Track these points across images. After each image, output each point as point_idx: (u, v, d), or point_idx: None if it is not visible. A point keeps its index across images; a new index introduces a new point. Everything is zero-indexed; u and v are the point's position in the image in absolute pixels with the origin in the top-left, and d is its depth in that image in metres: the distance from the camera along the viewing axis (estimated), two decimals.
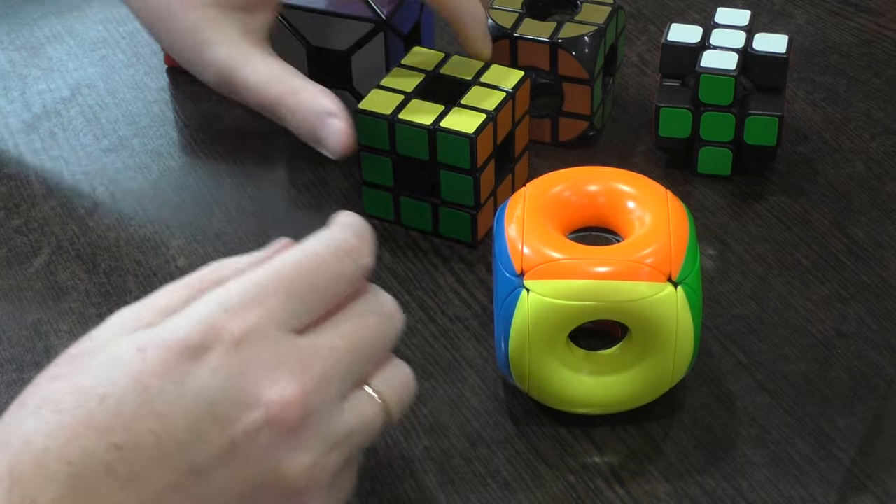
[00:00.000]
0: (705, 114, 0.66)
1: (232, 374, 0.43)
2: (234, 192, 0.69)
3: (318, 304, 0.45)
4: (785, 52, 0.66)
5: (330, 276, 0.46)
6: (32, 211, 0.68)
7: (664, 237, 0.51)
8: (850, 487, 0.53)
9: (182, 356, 0.42)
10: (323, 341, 0.45)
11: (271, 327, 0.44)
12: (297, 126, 0.64)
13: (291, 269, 0.45)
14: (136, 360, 0.42)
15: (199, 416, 0.42)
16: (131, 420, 0.41)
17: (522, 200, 0.53)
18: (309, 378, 0.44)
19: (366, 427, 0.46)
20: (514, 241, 0.51)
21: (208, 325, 0.43)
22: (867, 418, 0.55)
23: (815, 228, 0.66)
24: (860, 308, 0.61)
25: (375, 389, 0.46)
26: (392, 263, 0.64)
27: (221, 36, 0.64)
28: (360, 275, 0.47)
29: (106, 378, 0.42)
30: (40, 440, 0.41)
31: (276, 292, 0.44)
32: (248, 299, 0.44)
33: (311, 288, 0.45)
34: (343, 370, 0.45)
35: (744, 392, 0.57)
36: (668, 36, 0.68)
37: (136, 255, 0.65)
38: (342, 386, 0.45)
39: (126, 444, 0.41)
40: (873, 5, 0.83)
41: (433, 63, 0.66)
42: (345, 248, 0.46)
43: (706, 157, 0.68)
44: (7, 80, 0.78)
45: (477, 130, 0.61)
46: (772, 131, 0.66)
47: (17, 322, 0.61)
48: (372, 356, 0.47)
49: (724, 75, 0.65)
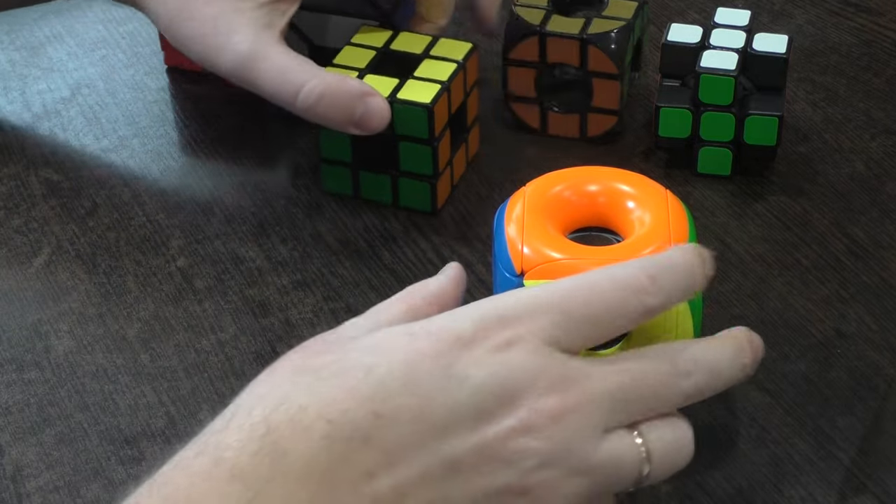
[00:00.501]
0: (705, 114, 0.66)
1: (497, 372, 0.43)
2: (234, 192, 0.69)
3: (593, 333, 0.45)
4: (785, 52, 0.66)
5: (607, 308, 0.45)
6: (32, 211, 0.68)
7: (664, 238, 0.51)
8: (849, 487, 0.53)
9: (454, 344, 0.43)
10: (596, 369, 0.44)
11: (541, 341, 0.44)
12: (326, 110, 0.63)
13: (567, 293, 0.45)
14: (406, 341, 0.43)
15: (460, 404, 0.42)
16: (395, 393, 0.41)
17: (522, 200, 0.53)
18: (570, 396, 0.43)
19: (618, 470, 0.44)
20: (514, 241, 0.51)
21: (482, 326, 0.43)
22: (867, 418, 0.55)
23: (815, 228, 0.66)
24: (860, 308, 0.61)
25: (643, 438, 0.45)
26: (392, 263, 0.64)
27: (243, 27, 0.64)
28: (643, 314, 0.45)
29: (373, 354, 0.43)
30: (299, 398, 0.41)
31: (550, 311, 0.44)
32: (522, 312, 0.44)
33: (587, 314, 0.44)
34: (610, 404, 0.44)
35: (744, 392, 0.57)
36: (667, 36, 0.68)
37: (136, 255, 0.65)
38: (605, 418, 0.44)
39: (386, 415, 0.41)
40: (873, 5, 0.83)
41: (383, 40, 0.67)
42: (632, 284, 0.45)
43: (706, 157, 0.68)
44: (7, 80, 0.78)
45: (433, 100, 0.63)
46: (772, 131, 0.66)
47: (17, 322, 0.61)
48: (648, 403, 0.45)
49: (724, 75, 0.65)
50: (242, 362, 0.59)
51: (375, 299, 0.61)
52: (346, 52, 0.66)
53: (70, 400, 0.57)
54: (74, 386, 0.58)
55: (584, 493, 0.44)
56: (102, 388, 0.58)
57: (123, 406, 0.57)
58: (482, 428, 0.42)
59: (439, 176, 0.65)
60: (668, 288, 0.46)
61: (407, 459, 0.41)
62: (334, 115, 0.63)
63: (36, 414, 0.57)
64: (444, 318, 0.44)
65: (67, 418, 0.56)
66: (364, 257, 0.65)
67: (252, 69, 0.64)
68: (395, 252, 0.65)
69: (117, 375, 0.58)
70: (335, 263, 0.64)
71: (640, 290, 0.45)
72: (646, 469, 0.45)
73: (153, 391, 0.57)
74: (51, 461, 0.54)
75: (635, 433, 0.45)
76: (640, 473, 0.45)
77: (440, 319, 0.44)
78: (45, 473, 0.54)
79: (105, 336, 0.60)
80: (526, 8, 0.70)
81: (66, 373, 0.58)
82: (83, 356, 0.59)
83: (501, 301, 0.45)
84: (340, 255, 0.65)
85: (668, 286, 0.46)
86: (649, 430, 0.45)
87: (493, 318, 0.44)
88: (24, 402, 0.57)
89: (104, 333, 0.60)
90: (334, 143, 0.66)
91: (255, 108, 0.74)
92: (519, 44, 0.69)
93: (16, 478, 0.54)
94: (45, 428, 0.56)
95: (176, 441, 0.55)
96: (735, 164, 0.68)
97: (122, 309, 0.62)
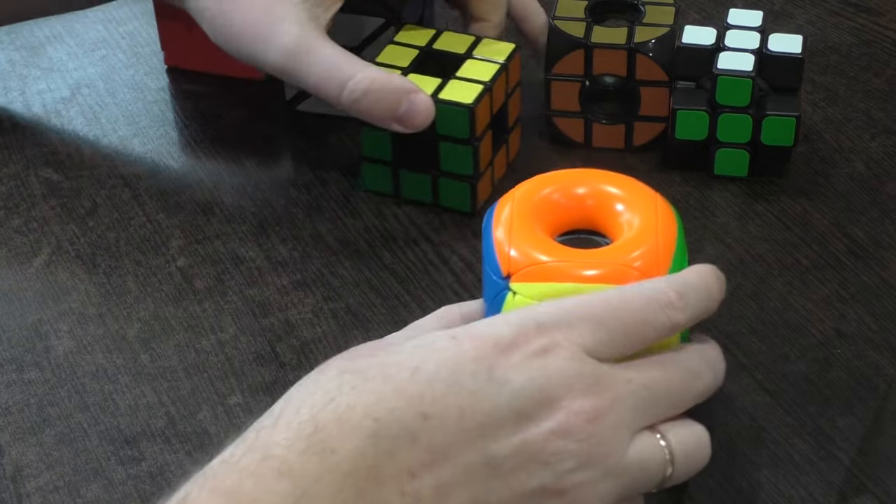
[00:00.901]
0: (722, 115, 0.66)
1: (536, 377, 0.44)
2: (234, 192, 0.69)
3: (623, 343, 0.46)
4: (800, 52, 0.66)
5: (638, 321, 0.46)
6: (32, 211, 0.68)
7: (652, 241, 0.51)
8: (849, 487, 0.53)
9: (494, 349, 0.44)
10: (622, 373, 0.45)
11: (577, 348, 0.45)
12: (371, 105, 0.63)
13: (600, 305, 0.46)
14: (450, 344, 0.44)
15: (503, 405, 0.43)
16: (441, 394, 0.42)
17: (511, 202, 0.53)
18: (604, 399, 0.44)
19: (645, 471, 0.46)
20: (501, 244, 0.51)
21: (520, 333, 0.44)
22: (867, 418, 0.55)
23: (814, 228, 0.66)
24: (860, 308, 0.61)
25: (666, 440, 0.46)
26: (392, 263, 0.64)
27: (290, 21, 0.64)
28: (669, 328, 0.47)
29: (419, 356, 0.44)
30: (346, 398, 0.42)
31: (585, 320, 0.45)
32: (559, 320, 0.45)
33: (619, 325, 0.46)
34: (636, 404, 0.45)
35: (744, 392, 0.57)
36: (682, 38, 0.67)
37: (136, 255, 0.65)
38: (633, 420, 0.45)
39: (433, 415, 0.42)
40: (873, 5, 0.83)
41: (426, 39, 0.67)
42: (659, 299, 0.47)
43: (723, 158, 0.68)
44: (7, 80, 0.78)
45: (475, 101, 0.63)
46: (789, 132, 0.66)
47: (17, 322, 0.61)
48: (669, 405, 0.47)
49: (742, 77, 0.65)
50: (242, 362, 0.59)
51: (375, 299, 0.62)
52: (388, 51, 0.66)
53: (70, 400, 0.57)
54: (74, 386, 0.58)
55: (617, 494, 0.45)
56: (102, 388, 0.58)
57: (123, 406, 0.57)
58: (522, 430, 0.43)
59: (480, 177, 0.65)
60: (694, 305, 0.47)
61: (450, 459, 0.42)
62: (379, 111, 0.63)
63: (36, 414, 0.57)
64: (483, 325, 0.46)
65: (67, 418, 0.56)
66: (364, 257, 0.65)
67: (299, 62, 0.64)
68: (395, 252, 0.65)
69: (117, 375, 0.58)
70: (335, 263, 0.64)
71: (668, 304, 0.47)
72: (669, 470, 0.46)
73: (153, 391, 0.57)
74: (51, 461, 0.54)
75: (658, 435, 0.46)
76: (665, 474, 0.46)
77: (480, 325, 0.45)
78: (45, 473, 0.54)
79: (105, 336, 0.60)
80: (565, 21, 0.69)
81: (66, 373, 0.58)
82: (83, 356, 0.59)
83: (539, 310, 0.46)
84: (340, 255, 0.65)
85: (693, 303, 0.47)
86: (670, 431, 0.46)
87: (531, 324, 0.45)
88: (23, 403, 0.57)
89: (104, 333, 0.60)
90: (375, 141, 0.66)
91: (255, 109, 0.75)
92: (563, 58, 0.68)
93: (16, 478, 0.54)
94: (44, 428, 0.56)
95: (176, 441, 0.55)
96: (751, 166, 0.68)
97: (122, 309, 0.62)
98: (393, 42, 0.67)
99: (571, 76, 0.69)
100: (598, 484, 0.44)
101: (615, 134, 0.70)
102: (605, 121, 0.70)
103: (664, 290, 0.47)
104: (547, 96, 0.70)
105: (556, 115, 0.70)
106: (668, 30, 0.68)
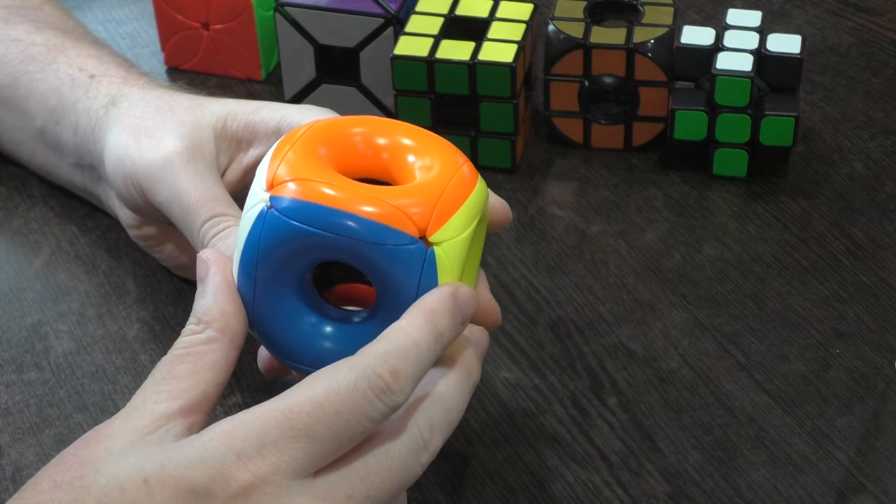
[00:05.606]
0: (721, 115, 0.66)
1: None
2: None
3: (338, 448, 0.43)
4: (799, 52, 0.66)
5: (350, 422, 0.42)
6: (32, 211, 0.68)
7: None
8: (848, 487, 0.53)
9: (186, 499, 0.41)
10: (340, 487, 0.43)
11: (285, 475, 0.42)
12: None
13: (311, 414, 0.42)
14: (140, 493, 0.41)
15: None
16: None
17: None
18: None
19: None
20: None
21: (218, 472, 0.42)
22: (866, 418, 0.55)
23: (814, 228, 0.66)
24: (859, 308, 0.61)
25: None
26: None
27: (190, 136, 0.58)
28: (388, 414, 0.43)
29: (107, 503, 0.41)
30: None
31: (295, 438, 0.42)
32: (264, 444, 0.42)
33: (331, 434, 0.42)
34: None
35: (742, 392, 0.57)
36: (681, 38, 0.68)
37: (135, 255, 0.65)
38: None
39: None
40: (873, 5, 0.83)
41: (447, 6, 0.70)
42: (372, 388, 0.43)
43: (722, 158, 0.68)
44: None
45: (514, 59, 0.66)
46: (788, 132, 0.66)
47: (17, 322, 0.61)
48: (395, 491, 0.44)
49: (741, 77, 0.65)
50: (241, 363, 0.59)
51: None
52: (414, 21, 0.69)
53: (70, 401, 0.57)
54: (74, 387, 0.58)
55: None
56: (102, 388, 0.58)
57: (123, 407, 0.57)
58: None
59: (518, 133, 0.68)
60: (413, 373, 0.44)
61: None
62: None
63: (35, 414, 0.57)
64: (185, 459, 0.42)
65: (67, 419, 0.56)
66: None
67: (163, 175, 0.56)
68: None
69: (117, 376, 0.58)
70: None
71: (383, 391, 0.43)
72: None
73: None
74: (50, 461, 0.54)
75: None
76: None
77: (182, 457, 0.42)
78: None
79: (105, 336, 0.60)
80: (564, 21, 0.69)
81: (65, 373, 0.59)
82: (83, 357, 0.59)
83: (243, 433, 0.42)
84: None
85: (412, 373, 0.43)
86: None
87: (231, 458, 0.42)
88: (23, 403, 0.57)
89: (104, 334, 0.61)
90: (412, 108, 0.68)
91: None
92: (562, 58, 0.68)
93: (16, 478, 0.54)
94: (44, 428, 0.56)
95: None
96: (749, 166, 0.68)
97: (122, 309, 0.62)
98: (416, 12, 0.69)
99: (571, 76, 0.69)
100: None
101: (614, 134, 0.70)
102: (605, 121, 0.70)
103: (377, 374, 0.43)
104: (546, 96, 0.70)
105: (555, 116, 0.70)
106: (667, 30, 0.68)
